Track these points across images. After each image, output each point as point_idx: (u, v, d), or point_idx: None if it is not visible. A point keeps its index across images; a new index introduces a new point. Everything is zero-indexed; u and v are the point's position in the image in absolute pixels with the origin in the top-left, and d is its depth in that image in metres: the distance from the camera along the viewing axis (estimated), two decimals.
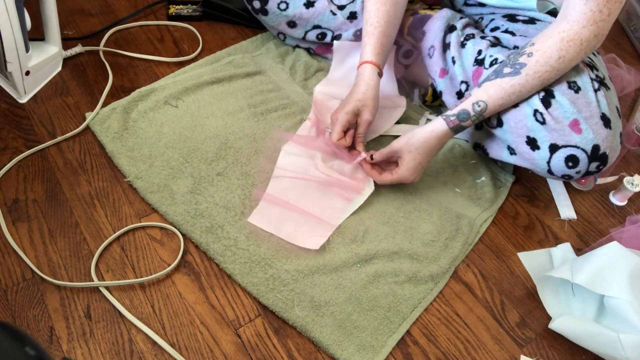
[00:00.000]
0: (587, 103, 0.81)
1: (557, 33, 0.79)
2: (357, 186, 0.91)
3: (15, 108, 0.96)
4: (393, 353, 0.76)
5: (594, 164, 0.81)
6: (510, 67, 0.81)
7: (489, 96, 0.82)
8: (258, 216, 0.85)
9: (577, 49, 0.79)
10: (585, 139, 0.80)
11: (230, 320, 0.76)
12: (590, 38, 0.78)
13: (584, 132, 0.80)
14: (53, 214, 0.84)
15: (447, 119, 0.85)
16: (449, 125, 0.84)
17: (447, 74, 0.98)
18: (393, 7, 0.95)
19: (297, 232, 0.84)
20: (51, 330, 0.72)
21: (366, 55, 0.94)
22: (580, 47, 0.79)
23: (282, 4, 1.06)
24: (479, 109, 0.83)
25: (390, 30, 0.96)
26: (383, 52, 0.95)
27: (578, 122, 0.80)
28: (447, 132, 0.85)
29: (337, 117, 0.92)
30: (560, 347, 0.80)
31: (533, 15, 0.97)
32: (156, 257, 0.81)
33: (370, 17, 0.95)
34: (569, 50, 0.78)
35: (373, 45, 0.94)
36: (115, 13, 1.17)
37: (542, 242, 0.92)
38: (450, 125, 0.84)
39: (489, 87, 0.82)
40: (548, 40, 0.79)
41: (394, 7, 0.95)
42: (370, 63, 0.94)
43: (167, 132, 0.94)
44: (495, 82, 0.82)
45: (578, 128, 0.80)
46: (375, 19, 0.94)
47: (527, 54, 0.80)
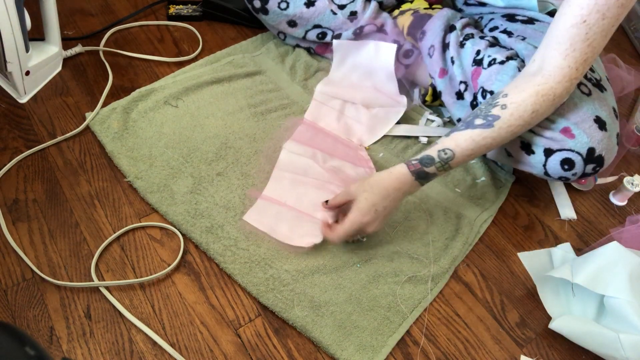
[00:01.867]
0: (574, 109, 0.81)
1: (532, 86, 0.76)
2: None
3: (15, 108, 0.96)
4: (393, 353, 0.76)
5: (589, 166, 0.81)
6: (482, 119, 0.77)
7: (457, 145, 0.77)
8: (254, 215, 0.85)
9: (550, 103, 0.76)
10: (579, 143, 0.80)
11: (230, 320, 0.76)
12: (563, 94, 0.77)
13: (577, 136, 0.80)
14: (53, 214, 0.84)
15: (408, 162, 0.79)
16: (410, 168, 0.78)
17: (447, 74, 0.98)
18: None
19: (292, 233, 0.84)
20: (51, 330, 0.72)
21: None
22: (552, 102, 0.77)
23: (282, 3, 1.06)
24: (445, 156, 0.77)
25: None
26: None
27: (569, 129, 0.80)
28: (408, 177, 0.78)
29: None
30: (560, 347, 0.80)
31: (532, 15, 0.97)
32: (156, 257, 0.81)
33: None
34: (542, 104, 0.76)
35: None
36: (115, 13, 1.16)
37: (542, 242, 0.92)
38: (410, 168, 0.78)
39: (459, 137, 0.78)
40: (522, 93, 0.76)
41: None
42: None
43: (167, 132, 0.94)
44: (466, 133, 0.77)
45: (570, 134, 0.80)
46: None
47: (501, 106, 0.77)
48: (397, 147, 1.00)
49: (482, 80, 0.90)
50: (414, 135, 1.02)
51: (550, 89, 0.76)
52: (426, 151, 0.79)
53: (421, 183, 0.80)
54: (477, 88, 0.92)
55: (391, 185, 0.79)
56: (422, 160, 0.78)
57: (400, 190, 0.80)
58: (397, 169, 0.80)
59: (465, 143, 0.77)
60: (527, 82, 0.77)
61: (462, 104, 0.97)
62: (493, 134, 0.77)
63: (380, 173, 0.81)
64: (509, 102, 0.77)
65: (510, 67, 0.87)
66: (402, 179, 0.79)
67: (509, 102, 0.77)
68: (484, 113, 0.78)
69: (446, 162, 0.78)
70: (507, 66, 0.88)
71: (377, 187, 0.79)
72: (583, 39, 0.73)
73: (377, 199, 0.79)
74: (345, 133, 0.99)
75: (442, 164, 0.78)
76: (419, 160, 0.78)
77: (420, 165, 0.78)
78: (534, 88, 0.76)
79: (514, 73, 0.86)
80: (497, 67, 0.89)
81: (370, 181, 0.80)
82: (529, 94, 0.76)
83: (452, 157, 0.78)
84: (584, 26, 0.72)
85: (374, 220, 0.80)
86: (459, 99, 0.97)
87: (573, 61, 0.74)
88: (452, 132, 0.79)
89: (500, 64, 0.88)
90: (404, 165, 0.79)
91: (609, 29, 0.73)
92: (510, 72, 0.87)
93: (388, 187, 0.79)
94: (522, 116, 0.76)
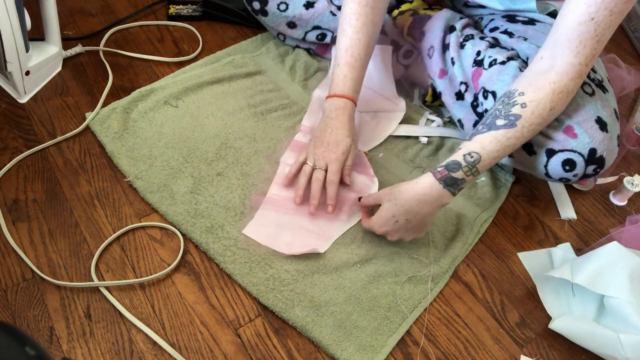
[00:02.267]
0: (577, 108, 0.81)
1: (548, 84, 0.76)
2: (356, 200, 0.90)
3: (15, 108, 0.96)
4: (393, 353, 0.76)
5: (590, 167, 0.81)
6: (504, 119, 0.76)
7: (483, 147, 0.76)
8: (253, 228, 0.84)
9: (564, 100, 0.77)
10: (581, 143, 0.80)
11: (230, 320, 0.76)
12: (574, 91, 0.77)
13: (580, 136, 0.80)
14: (53, 214, 0.84)
15: (433, 171, 0.77)
16: (436, 176, 0.76)
17: (447, 74, 0.98)
18: (372, 40, 0.92)
19: (293, 244, 0.83)
20: (51, 330, 0.72)
21: (347, 90, 0.90)
22: (567, 99, 0.77)
23: (281, 5, 1.06)
24: (471, 160, 0.76)
25: (366, 65, 0.93)
26: (360, 88, 0.92)
27: (572, 128, 0.80)
28: (435, 186, 0.76)
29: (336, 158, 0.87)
30: (560, 347, 0.80)
31: (533, 16, 0.97)
32: (156, 257, 0.81)
33: (350, 47, 0.89)
34: (558, 102, 0.76)
35: (354, 80, 0.90)
36: (115, 13, 1.17)
37: (542, 242, 0.92)
38: (437, 176, 0.76)
39: (483, 140, 0.76)
40: (540, 91, 0.76)
41: (373, 39, 0.92)
42: (350, 100, 0.90)
43: (167, 132, 0.94)
44: (490, 135, 0.76)
45: (573, 133, 0.80)
46: (356, 49, 0.89)
47: (521, 105, 0.76)
48: (397, 147, 1.00)
49: (483, 80, 0.90)
50: (414, 136, 1.02)
51: (565, 86, 0.76)
52: (450, 157, 0.77)
53: (451, 191, 0.77)
54: (478, 88, 0.92)
55: (416, 197, 0.77)
56: (448, 166, 0.76)
57: (428, 201, 0.77)
58: (423, 179, 0.77)
59: (491, 145, 0.76)
60: (542, 80, 0.76)
61: (462, 104, 0.97)
62: (517, 133, 0.76)
63: (407, 183, 0.79)
64: (528, 101, 0.76)
65: (511, 67, 0.87)
66: (428, 189, 0.77)
67: (528, 100, 0.76)
68: (505, 113, 0.77)
69: (473, 165, 0.76)
70: (508, 66, 0.88)
71: (400, 199, 0.78)
72: (592, 36, 0.73)
73: (399, 211, 0.78)
74: None
75: (469, 167, 0.76)
76: (445, 166, 0.76)
77: (447, 172, 0.76)
78: (550, 86, 0.75)
79: (515, 73, 0.86)
80: (498, 68, 0.88)
81: (395, 191, 0.79)
82: (546, 92, 0.75)
83: (478, 159, 0.76)
84: (593, 23, 0.72)
85: (394, 231, 0.80)
86: (459, 100, 0.97)
87: (583, 58, 0.74)
88: (474, 136, 0.78)
89: (501, 64, 0.88)
90: (430, 174, 0.77)
91: (616, 24, 0.73)
92: (512, 72, 0.87)
93: (411, 199, 0.77)
94: (541, 114, 0.76)
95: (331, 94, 0.91)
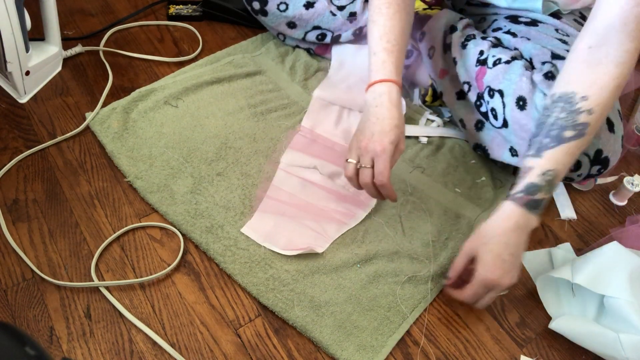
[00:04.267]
0: None
1: (612, 81, 0.70)
2: (358, 200, 0.90)
3: (15, 108, 0.96)
4: (393, 353, 0.76)
5: (595, 167, 0.81)
6: (572, 130, 0.72)
7: (558, 163, 0.72)
8: (252, 226, 0.84)
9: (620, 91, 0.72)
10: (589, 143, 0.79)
11: (230, 320, 0.76)
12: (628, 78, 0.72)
13: None
14: (53, 214, 0.84)
15: (512, 198, 0.73)
16: (519, 202, 0.73)
17: (448, 74, 0.98)
18: (408, 26, 0.86)
19: (290, 244, 0.83)
20: (51, 330, 0.72)
21: (388, 73, 0.81)
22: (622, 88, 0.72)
23: (281, 5, 1.06)
24: (550, 178, 0.72)
25: (404, 52, 0.86)
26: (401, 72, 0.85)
27: None
28: (522, 213, 0.73)
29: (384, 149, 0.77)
30: (560, 347, 0.80)
31: (535, 17, 0.97)
32: (156, 257, 0.81)
33: (385, 33, 0.83)
34: (617, 95, 0.72)
35: (394, 64, 0.82)
36: (115, 13, 1.17)
37: (542, 242, 0.92)
38: (519, 202, 0.73)
39: (557, 155, 0.72)
40: (604, 91, 0.70)
41: (408, 26, 0.87)
42: (394, 83, 0.81)
43: (167, 132, 0.94)
44: (562, 149, 0.72)
45: None
46: (392, 35, 0.83)
47: (587, 112, 0.71)
48: None
49: (488, 79, 0.89)
50: (414, 136, 1.02)
51: (624, 78, 0.71)
52: (524, 181, 0.73)
53: (536, 213, 0.74)
54: (482, 88, 0.91)
55: (509, 229, 0.73)
56: (528, 190, 0.73)
57: (519, 229, 0.74)
58: (505, 210, 0.74)
59: (565, 158, 0.72)
60: (602, 77, 0.71)
61: (464, 103, 0.97)
62: (585, 142, 0.72)
63: (490, 222, 0.75)
64: (594, 105, 0.71)
65: (517, 67, 0.86)
66: (516, 217, 0.73)
67: (595, 104, 0.71)
68: (572, 123, 0.72)
69: (551, 183, 0.73)
70: (513, 65, 0.87)
71: (495, 236, 0.74)
72: None
73: (501, 248, 0.73)
74: (343, 139, 0.99)
75: (548, 186, 0.73)
76: (524, 191, 0.73)
77: (530, 196, 0.73)
78: (614, 83, 0.70)
79: (522, 72, 0.85)
80: (503, 67, 0.87)
81: (484, 232, 0.75)
82: (610, 90, 0.71)
83: (556, 175, 0.72)
84: None
85: (506, 272, 0.74)
86: (460, 99, 0.97)
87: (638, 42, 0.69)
88: (542, 152, 0.73)
89: (506, 63, 0.87)
90: (511, 203, 0.74)
91: None
92: (518, 71, 0.85)
93: (506, 232, 0.73)
94: (603, 114, 0.72)
95: (370, 82, 0.82)
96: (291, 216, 0.86)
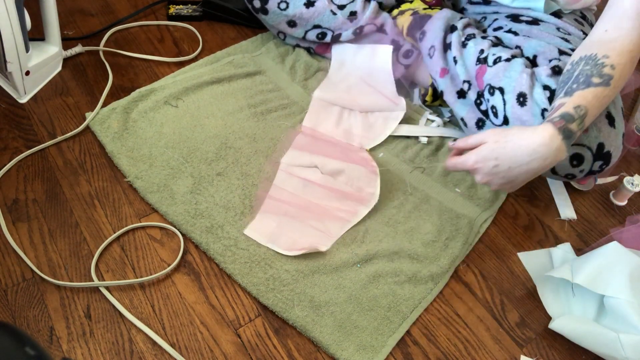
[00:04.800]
0: None
1: (628, 52, 0.75)
2: (360, 196, 0.90)
3: (15, 108, 0.96)
4: (393, 353, 0.76)
5: (597, 162, 0.81)
6: (599, 77, 0.74)
7: (588, 102, 0.73)
8: (254, 228, 0.84)
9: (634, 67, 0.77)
10: (590, 137, 0.80)
11: (230, 320, 0.76)
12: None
13: (590, 130, 0.79)
14: (53, 214, 0.84)
15: (550, 120, 0.72)
16: (556, 125, 0.71)
17: (448, 73, 0.98)
18: None
19: (293, 244, 0.83)
20: (51, 330, 0.72)
21: None
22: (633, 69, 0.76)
23: (282, 4, 1.06)
24: (582, 113, 0.72)
25: None
26: None
27: None
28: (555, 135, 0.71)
29: None
30: (560, 347, 0.80)
31: (537, 16, 0.97)
32: (156, 257, 0.81)
33: None
34: (632, 69, 0.76)
35: None
36: (115, 13, 1.16)
37: (542, 242, 0.92)
38: (557, 125, 0.71)
39: (586, 95, 0.73)
40: (622, 56, 0.75)
41: None
42: None
43: (167, 132, 0.94)
44: (590, 91, 0.73)
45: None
46: None
47: (610, 66, 0.74)
48: (397, 147, 1.00)
49: (488, 77, 0.90)
50: (414, 136, 1.02)
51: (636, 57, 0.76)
52: (559, 111, 0.73)
53: (567, 144, 0.72)
54: (482, 86, 0.91)
55: (531, 146, 0.71)
56: (564, 117, 0.71)
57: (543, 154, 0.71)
58: (542, 128, 0.71)
59: (594, 100, 0.73)
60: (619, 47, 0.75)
61: (465, 102, 0.97)
62: (611, 92, 0.74)
63: (522, 129, 0.73)
64: (616, 63, 0.74)
65: (517, 64, 0.86)
66: (548, 139, 0.70)
67: (616, 63, 0.74)
68: (598, 72, 0.74)
69: (582, 119, 0.72)
70: (513, 63, 0.87)
71: (511, 142, 0.72)
72: None
73: (506, 155, 0.72)
74: (344, 138, 0.99)
75: (580, 120, 0.72)
76: (560, 117, 0.71)
77: (565, 122, 0.71)
78: (630, 53, 0.75)
79: (522, 69, 0.86)
80: (503, 65, 0.88)
81: (508, 132, 0.73)
82: (627, 59, 0.75)
83: (586, 113, 0.72)
84: None
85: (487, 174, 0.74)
86: (460, 98, 0.97)
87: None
88: (573, 93, 0.74)
89: (506, 61, 0.88)
90: (549, 124, 0.71)
91: None
92: (519, 69, 0.86)
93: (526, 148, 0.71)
94: (625, 77, 0.75)
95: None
96: (293, 216, 0.86)
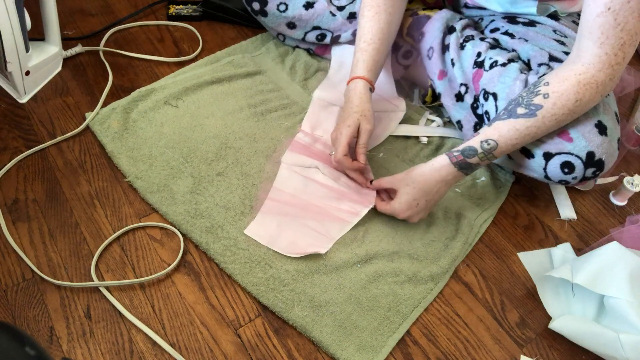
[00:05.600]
0: None
1: (574, 76, 0.76)
2: (360, 199, 0.90)
3: (15, 108, 0.96)
4: (393, 353, 0.76)
5: (589, 170, 0.81)
6: (524, 108, 0.78)
7: (501, 135, 0.79)
8: (254, 228, 0.84)
9: (594, 92, 0.76)
10: (577, 147, 0.79)
11: (230, 320, 0.76)
12: (606, 81, 0.75)
13: (575, 140, 0.79)
14: (53, 214, 0.84)
15: (450, 154, 0.81)
16: (452, 160, 0.81)
17: (446, 75, 0.98)
18: (387, 26, 0.94)
19: (293, 245, 0.83)
20: (51, 330, 0.72)
21: (358, 71, 0.92)
22: (596, 90, 0.76)
23: (281, 6, 1.06)
24: (487, 147, 0.79)
25: (383, 48, 0.94)
26: (375, 68, 0.94)
27: (567, 132, 0.80)
28: (450, 169, 0.81)
29: (341, 132, 0.88)
30: (560, 347, 0.80)
31: (533, 17, 0.97)
32: (156, 257, 0.81)
33: (363, 34, 0.93)
34: (585, 93, 0.75)
35: (365, 62, 0.92)
36: (115, 13, 1.17)
37: (542, 242, 0.93)
38: (452, 160, 0.81)
39: (502, 127, 0.79)
40: (564, 82, 0.76)
41: (387, 25, 0.94)
42: (362, 79, 0.91)
43: (167, 132, 0.94)
44: (509, 123, 0.78)
45: (568, 137, 0.80)
46: (368, 35, 0.93)
47: (543, 95, 0.77)
48: (397, 147, 1.00)
49: (483, 82, 0.90)
50: (414, 136, 1.02)
51: (592, 77, 0.75)
52: (468, 142, 0.81)
53: (465, 173, 0.82)
54: (478, 90, 0.91)
55: (433, 179, 0.82)
56: (464, 152, 0.80)
57: (443, 182, 0.82)
58: (438, 162, 0.82)
59: (509, 133, 0.78)
60: (567, 71, 0.77)
61: (462, 105, 0.97)
62: (537, 123, 0.77)
63: (422, 166, 0.83)
64: (551, 92, 0.77)
65: (512, 69, 0.87)
66: (444, 171, 0.81)
67: (552, 91, 0.77)
68: (526, 102, 0.78)
69: (489, 152, 0.80)
70: (509, 68, 0.87)
71: (419, 182, 0.82)
72: (613, 25, 0.72)
73: (419, 194, 0.82)
74: None
75: (485, 154, 0.80)
76: (461, 152, 0.80)
77: (463, 157, 0.80)
78: (576, 78, 0.76)
79: (517, 75, 0.86)
80: (499, 69, 0.88)
81: (412, 175, 0.83)
82: (571, 84, 0.76)
83: (495, 147, 0.79)
84: (611, 13, 0.71)
85: (415, 214, 0.85)
86: (459, 101, 0.97)
87: (610, 48, 0.73)
88: (494, 121, 0.80)
89: (502, 66, 0.88)
90: (446, 157, 0.81)
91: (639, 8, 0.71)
92: (513, 75, 0.86)
93: (430, 181, 0.82)
94: (565, 105, 0.76)
95: (347, 80, 0.94)
96: (293, 217, 0.86)
